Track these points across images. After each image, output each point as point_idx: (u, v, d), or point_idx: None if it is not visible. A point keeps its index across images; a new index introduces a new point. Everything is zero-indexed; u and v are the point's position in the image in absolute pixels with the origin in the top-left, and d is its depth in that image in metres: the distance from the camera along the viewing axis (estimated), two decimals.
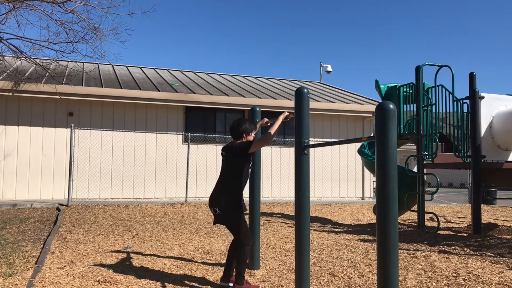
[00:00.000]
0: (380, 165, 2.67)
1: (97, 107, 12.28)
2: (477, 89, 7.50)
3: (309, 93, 3.82)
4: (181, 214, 9.14)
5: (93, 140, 12.02)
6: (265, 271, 4.56)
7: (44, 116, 11.87)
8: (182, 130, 12.94)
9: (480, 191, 7.43)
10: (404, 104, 8.08)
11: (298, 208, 3.68)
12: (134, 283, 4.03)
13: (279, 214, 9.59)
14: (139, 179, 12.42)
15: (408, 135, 7.97)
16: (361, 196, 14.44)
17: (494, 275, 4.30)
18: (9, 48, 10.08)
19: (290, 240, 6.29)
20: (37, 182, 11.69)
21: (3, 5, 9.47)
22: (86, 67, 15.45)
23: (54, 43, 10.18)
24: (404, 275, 4.34)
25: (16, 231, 6.88)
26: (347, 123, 14.52)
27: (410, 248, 5.79)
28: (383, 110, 2.68)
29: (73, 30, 10.61)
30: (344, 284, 4.09)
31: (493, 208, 11.76)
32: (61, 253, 5.23)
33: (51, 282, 3.99)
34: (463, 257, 5.19)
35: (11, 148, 11.55)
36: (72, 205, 10.05)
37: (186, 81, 15.46)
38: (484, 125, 7.57)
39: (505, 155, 7.77)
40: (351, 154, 14.03)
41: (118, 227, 7.42)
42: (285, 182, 13.49)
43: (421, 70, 7.74)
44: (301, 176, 3.68)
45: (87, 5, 9.96)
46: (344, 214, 10.00)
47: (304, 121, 3.71)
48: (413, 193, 7.66)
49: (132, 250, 5.54)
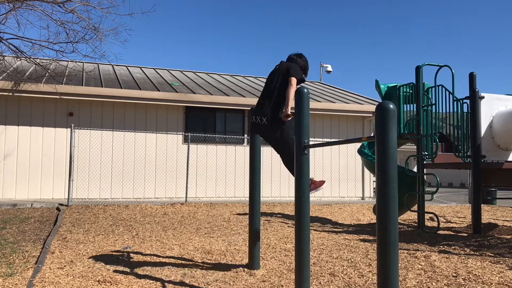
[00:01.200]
0: (380, 165, 2.66)
1: (97, 107, 12.28)
2: (477, 89, 7.50)
3: (309, 93, 3.81)
4: (181, 214, 9.14)
5: (93, 140, 12.02)
6: (265, 271, 4.56)
7: (44, 116, 11.87)
8: (182, 130, 12.95)
9: (480, 191, 7.42)
10: (404, 104, 8.08)
11: (298, 208, 3.68)
12: (134, 283, 4.03)
13: (279, 214, 9.59)
14: (139, 179, 12.43)
15: (408, 135, 7.97)
16: (361, 196, 14.45)
17: (494, 275, 4.30)
18: (9, 48, 10.09)
19: (290, 240, 6.29)
20: (37, 182, 11.69)
21: (3, 5, 9.47)
22: (86, 67, 15.45)
23: (54, 43, 10.19)
24: (404, 275, 4.34)
25: (16, 231, 6.88)
26: (347, 123, 14.52)
27: (410, 248, 5.79)
28: (383, 110, 2.68)
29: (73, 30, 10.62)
30: (344, 284, 4.09)
31: (493, 208, 11.76)
32: (61, 253, 5.23)
33: (51, 282, 3.99)
34: (463, 257, 5.19)
35: (11, 148, 11.56)
36: (72, 205, 10.05)
37: (186, 81, 15.46)
38: (484, 125, 7.57)
39: (505, 155, 7.77)
40: (351, 154, 14.03)
41: (118, 227, 7.42)
42: (285, 182, 13.50)
43: (421, 70, 7.74)
44: (301, 176, 3.68)
45: (87, 5, 9.97)
46: (344, 214, 10.00)
47: (304, 121, 3.70)
48: (413, 193, 7.66)
49: (132, 250, 5.54)
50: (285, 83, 4.24)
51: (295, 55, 4.57)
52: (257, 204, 4.77)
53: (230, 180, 13.22)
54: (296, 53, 4.61)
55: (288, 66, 4.32)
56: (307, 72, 4.62)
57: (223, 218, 8.60)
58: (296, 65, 4.38)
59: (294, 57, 4.55)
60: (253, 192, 4.77)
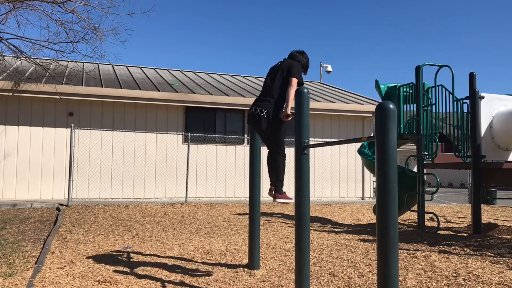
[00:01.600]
0: (380, 165, 2.66)
1: (97, 107, 12.28)
2: (477, 89, 7.50)
3: (309, 93, 3.81)
4: (181, 214, 9.14)
5: (93, 140, 12.02)
6: (265, 271, 4.56)
7: (44, 116, 11.87)
8: (182, 130, 12.95)
9: (480, 191, 7.42)
10: (404, 104, 8.08)
11: (298, 208, 3.68)
12: (134, 283, 4.03)
13: (279, 214, 9.59)
14: (139, 179, 12.43)
15: (408, 135, 7.97)
16: (361, 196, 14.44)
17: (494, 275, 4.30)
18: (9, 48, 10.09)
19: (290, 240, 6.29)
20: (37, 182, 11.69)
21: (3, 5, 9.47)
22: (86, 67, 15.45)
23: (54, 43, 10.19)
24: (404, 275, 4.34)
25: (16, 231, 6.88)
26: (347, 123, 14.52)
27: (410, 248, 5.79)
28: (383, 110, 2.68)
29: (73, 30, 10.60)
30: (344, 284, 4.09)
31: (493, 208, 11.76)
32: (61, 253, 5.23)
33: (51, 282, 3.99)
34: (463, 257, 5.19)
35: (11, 148, 11.55)
36: (72, 205, 10.05)
37: (186, 81, 15.46)
38: (484, 125, 7.57)
39: (505, 155, 7.77)
40: (351, 154, 14.03)
41: (118, 227, 7.42)
42: (285, 182, 13.47)
43: (421, 70, 7.74)
44: (301, 176, 3.68)
45: (87, 5, 9.96)
46: (344, 214, 10.00)
47: (304, 121, 3.70)
48: (413, 193, 7.66)
49: (132, 250, 5.54)
50: (286, 82, 4.25)
51: (298, 52, 4.59)
52: (257, 204, 4.77)
53: (230, 180, 13.22)
54: (298, 50, 4.62)
55: (290, 65, 4.34)
56: (307, 69, 4.65)
57: (223, 218, 8.60)
58: (298, 64, 4.39)
59: (296, 54, 4.57)
60: (253, 192, 4.77)
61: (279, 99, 4.25)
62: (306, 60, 4.59)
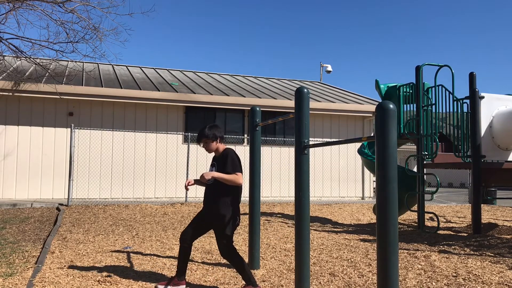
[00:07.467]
0: (380, 165, 2.67)
1: (97, 107, 12.28)
2: (477, 89, 7.50)
3: (309, 93, 3.82)
4: (181, 214, 9.14)
5: (93, 140, 12.02)
6: (265, 271, 4.56)
7: (44, 116, 11.87)
8: (182, 130, 12.95)
9: (480, 191, 7.43)
10: (404, 104, 8.08)
11: (298, 208, 3.68)
12: (134, 283, 4.03)
13: (279, 214, 9.59)
14: (139, 179, 12.42)
15: (408, 135, 7.97)
16: (361, 196, 14.44)
17: (494, 275, 4.30)
18: (9, 48, 10.08)
19: (290, 240, 6.29)
20: (37, 182, 11.69)
21: (3, 5, 9.46)
22: (86, 67, 15.45)
23: (54, 43, 10.18)
24: (404, 275, 4.34)
25: (16, 231, 6.88)
26: (347, 123, 14.52)
27: (410, 248, 5.79)
28: (383, 110, 2.68)
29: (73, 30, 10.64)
30: (344, 284, 4.09)
31: (493, 208, 11.75)
32: (61, 253, 5.23)
33: (51, 282, 3.99)
34: (463, 257, 5.19)
35: (11, 148, 11.55)
36: (72, 205, 10.05)
37: (186, 81, 15.47)
38: (484, 125, 7.57)
39: (505, 155, 7.77)
40: (351, 154, 14.03)
41: (118, 227, 7.42)
42: (285, 182, 13.49)
43: (421, 70, 7.74)
44: (301, 176, 3.68)
45: (87, 5, 9.96)
46: (344, 214, 10.00)
47: (304, 121, 3.71)
48: (413, 193, 7.66)
49: (132, 250, 5.54)
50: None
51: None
52: (257, 204, 4.78)
53: None
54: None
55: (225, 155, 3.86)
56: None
57: None
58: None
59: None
60: (253, 192, 4.77)
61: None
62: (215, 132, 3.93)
